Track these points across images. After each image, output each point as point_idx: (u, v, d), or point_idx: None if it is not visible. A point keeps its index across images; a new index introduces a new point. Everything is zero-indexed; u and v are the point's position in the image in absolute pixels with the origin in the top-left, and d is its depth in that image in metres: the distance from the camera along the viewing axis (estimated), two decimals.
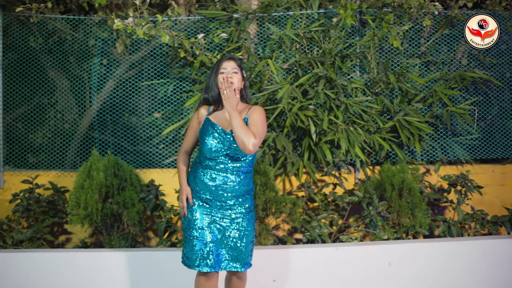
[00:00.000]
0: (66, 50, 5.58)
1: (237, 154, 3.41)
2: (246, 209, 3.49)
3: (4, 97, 5.49)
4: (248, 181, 3.52)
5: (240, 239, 3.44)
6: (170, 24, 4.72)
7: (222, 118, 3.47)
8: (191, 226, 3.44)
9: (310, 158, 5.19)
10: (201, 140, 3.47)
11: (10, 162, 5.57)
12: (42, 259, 4.48)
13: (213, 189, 3.44)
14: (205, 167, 3.45)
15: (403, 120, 5.20)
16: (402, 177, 5.03)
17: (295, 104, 5.03)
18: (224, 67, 3.44)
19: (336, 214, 5.18)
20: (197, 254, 3.39)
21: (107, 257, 4.48)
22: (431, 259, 4.64)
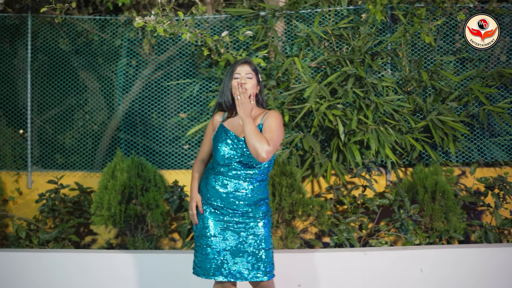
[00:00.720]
0: (93, 51, 5.56)
1: (251, 161, 3.25)
2: (261, 214, 3.30)
3: (33, 98, 5.50)
4: (262, 189, 3.32)
5: (258, 245, 3.25)
6: (194, 22, 4.62)
7: (236, 125, 3.32)
8: (203, 233, 3.27)
9: (339, 159, 4.99)
10: (214, 146, 3.32)
11: (38, 162, 5.58)
12: (62, 260, 4.43)
13: (224, 196, 3.27)
14: (217, 173, 3.30)
15: (436, 119, 4.95)
16: (435, 179, 4.78)
17: (323, 103, 4.85)
18: (238, 72, 3.29)
19: (366, 217, 4.96)
20: (211, 262, 3.23)
21: (128, 259, 4.40)
22: (466, 265, 4.38)
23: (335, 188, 5.00)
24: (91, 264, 4.40)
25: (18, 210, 5.34)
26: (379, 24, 5.19)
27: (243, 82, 3.22)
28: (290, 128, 5.10)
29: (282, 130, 3.21)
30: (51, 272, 4.41)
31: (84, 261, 4.43)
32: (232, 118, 3.34)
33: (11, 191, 5.38)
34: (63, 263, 4.43)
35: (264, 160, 3.04)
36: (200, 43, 4.50)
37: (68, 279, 4.39)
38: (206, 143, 3.44)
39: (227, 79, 3.31)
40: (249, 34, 4.80)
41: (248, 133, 3.06)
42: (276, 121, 3.19)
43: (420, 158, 5.28)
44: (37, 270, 4.40)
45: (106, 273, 4.37)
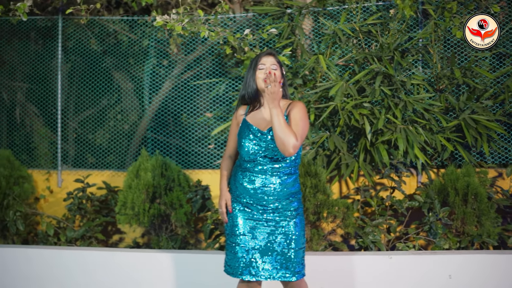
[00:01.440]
0: (123, 52, 5.59)
1: (276, 155, 3.18)
2: (292, 212, 3.21)
3: (67, 99, 5.58)
4: (292, 183, 3.24)
5: (287, 245, 3.17)
6: (219, 21, 4.56)
7: (259, 118, 3.27)
8: (232, 232, 3.23)
9: (366, 160, 4.82)
10: (239, 142, 3.28)
11: (69, 162, 5.65)
12: (83, 257, 4.46)
13: (252, 193, 3.21)
14: (244, 169, 3.25)
15: (469, 118, 4.70)
16: (467, 181, 4.54)
17: (349, 102, 4.69)
18: (263, 63, 3.23)
19: (394, 220, 4.77)
20: (239, 261, 3.17)
21: (146, 258, 4.38)
22: (499, 272, 4.14)
23: (362, 190, 4.84)
24: (111, 262, 4.41)
25: (49, 208, 5.43)
26: (410, 20, 4.99)
27: (274, 69, 3.18)
28: (316, 127, 4.97)
29: (308, 121, 3.16)
30: (72, 269, 4.44)
31: (105, 259, 4.44)
32: (255, 112, 3.29)
33: (42, 189, 5.47)
34: (84, 260, 4.46)
35: (291, 155, 3.01)
36: (223, 42, 4.43)
37: (88, 276, 4.41)
38: (232, 139, 3.40)
39: (251, 70, 3.25)
40: (273, 32, 4.70)
41: (276, 126, 3.01)
42: (301, 112, 3.13)
43: (454, 159, 5.05)
44: (58, 267, 4.45)
45: (124, 272, 4.37)
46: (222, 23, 5.05)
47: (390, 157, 4.78)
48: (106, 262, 4.44)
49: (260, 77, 3.20)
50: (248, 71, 3.28)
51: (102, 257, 4.45)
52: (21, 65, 5.72)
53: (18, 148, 5.78)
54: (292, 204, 3.21)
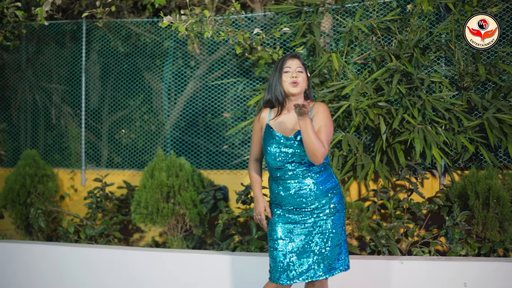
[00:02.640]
0: (146, 53, 5.63)
1: (304, 159, 3.12)
2: (331, 209, 3.16)
3: (88, 100, 5.68)
4: (326, 178, 3.18)
5: (324, 244, 3.13)
6: (229, 21, 4.50)
7: (284, 123, 3.20)
8: (271, 237, 3.21)
9: (383, 161, 4.63)
10: (264, 148, 3.22)
11: (92, 161, 5.75)
12: (97, 254, 4.51)
13: (290, 199, 3.16)
14: (275, 178, 3.20)
15: (493, 118, 4.42)
16: (489, 184, 4.27)
17: (364, 101, 4.51)
18: (288, 66, 3.17)
19: (412, 223, 4.56)
20: (278, 266, 3.15)
21: (152, 257, 4.37)
22: None
23: (379, 191, 4.64)
24: (121, 261, 4.44)
25: (74, 206, 5.54)
26: (431, 15, 4.75)
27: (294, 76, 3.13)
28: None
29: (332, 124, 3.14)
30: (85, 266, 4.50)
31: (116, 257, 4.48)
32: (279, 116, 3.22)
33: (67, 188, 5.60)
34: (97, 257, 4.51)
35: (320, 163, 2.98)
36: (233, 42, 4.36)
37: (92, 274, 4.46)
38: (256, 143, 3.32)
39: (277, 74, 3.19)
40: (286, 31, 4.59)
41: (306, 139, 2.92)
42: (326, 115, 3.09)
43: (479, 161, 4.76)
44: (73, 263, 4.52)
45: (133, 270, 4.39)
46: (235, 23, 4.98)
47: (408, 158, 4.56)
48: (117, 260, 4.47)
49: (286, 80, 3.15)
50: (273, 74, 3.21)
51: (113, 255, 4.49)
52: (49, 67, 5.88)
53: (48, 148, 5.94)
54: (331, 201, 3.16)
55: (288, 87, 3.15)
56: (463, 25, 4.59)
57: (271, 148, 3.14)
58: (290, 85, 3.14)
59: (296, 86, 3.15)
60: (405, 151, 4.62)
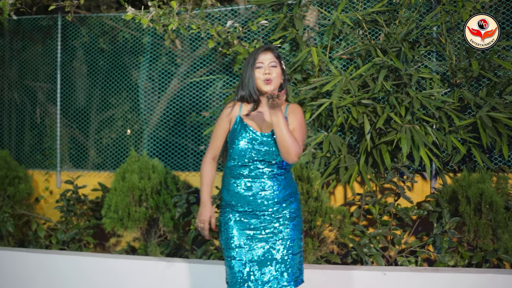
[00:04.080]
0: (125, 50, 5.29)
1: (275, 159, 2.85)
2: (291, 214, 2.89)
3: (63, 98, 5.37)
4: (289, 182, 2.94)
5: (286, 251, 2.85)
6: (203, 14, 4.15)
7: (258, 119, 2.90)
8: (228, 245, 2.88)
9: (368, 163, 4.24)
10: (232, 143, 2.89)
11: (69, 162, 5.43)
12: (60, 261, 4.18)
13: (251, 199, 2.86)
14: (237, 176, 2.88)
15: (486, 116, 4.02)
16: (481, 188, 3.87)
17: (347, 98, 4.14)
18: (261, 61, 2.86)
19: (400, 230, 4.17)
20: (236, 277, 2.83)
21: (114, 265, 4.04)
22: None
23: (364, 195, 4.26)
24: (84, 268, 4.11)
25: (48, 209, 5.23)
26: (422, 7, 4.37)
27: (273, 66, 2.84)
28: (314, 127, 4.45)
29: (306, 126, 3.02)
30: (50, 273, 4.19)
31: (80, 264, 4.15)
32: (254, 113, 2.91)
33: (42, 190, 5.29)
34: (64, 264, 4.19)
35: (294, 162, 2.79)
36: (205, 35, 4.02)
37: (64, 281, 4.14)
38: (219, 138, 2.95)
39: (249, 69, 2.88)
40: (264, 24, 4.22)
41: (280, 135, 2.71)
42: (301, 117, 2.88)
43: (473, 163, 4.36)
44: (38, 269, 4.21)
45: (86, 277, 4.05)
46: (214, 17, 4.63)
47: (394, 160, 4.18)
48: (80, 267, 4.15)
49: (259, 77, 2.85)
50: (245, 69, 2.90)
51: (77, 261, 4.17)
52: (25, 64, 5.57)
53: (24, 148, 5.63)
54: (291, 205, 2.91)
55: (261, 85, 2.85)
56: (454, 17, 4.20)
57: (241, 144, 2.84)
58: (263, 83, 2.84)
59: (269, 83, 2.84)
60: (392, 152, 4.24)
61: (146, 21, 3.69)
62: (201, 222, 2.90)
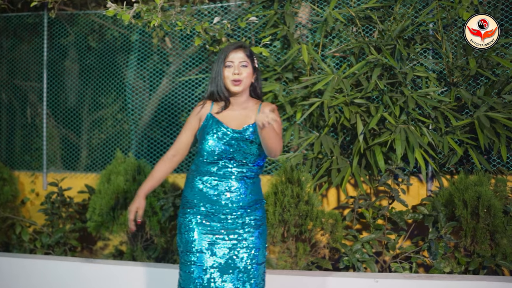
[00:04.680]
0: (114, 48, 5.11)
1: (246, 158, 2.72)
2: (256, 222, 2.76)
3: (51, 98, 5.19)
4: (256, 188, 2.81)
5: (250, 260, 2.70)
6: (190, 10, 3.97)
7: (230, 116, 2.77)
8: (188, 249, 2.71)
9: (361, 164, 4.06)
10: (202, 140, 2.75)
11: (59, 163, 5.25)
12: (43, 266, 4.01)
13: (215, 199, 2.72)
14: (204, 173, 2.74)
15: (483, 116, 3.83)
16: (478, 191, 3.68)
17: (339, 98, 3.95)
18: (231, 60, 2.73)
19: (395, 234, 3.98)
20: (196, 283, 2.67)
21: (94, 269, 3.86)
22: None
23: (357, 198, 4.07)
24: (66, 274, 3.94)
25: (35, 212, 5.05)
26: (418, 3, 4.18)
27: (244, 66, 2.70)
28: (306, 128, 4.26)
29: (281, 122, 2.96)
30: (29, 278, 4.01)
31: (61, 270, 3.98)
32: (225, 111, 2.77)
33: (28, 192, 5.11)
34: (44, 270, 4.01)
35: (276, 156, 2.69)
36: (190, 32, 3.84)
37: None
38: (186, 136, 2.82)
39: (219, 66, 2.73)
40: (253, 21, 4.04)
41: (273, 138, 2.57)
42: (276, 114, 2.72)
43: (470, 164, 4.17)
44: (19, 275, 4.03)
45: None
46: (204, 14, 4.45)
47: (388, 162, 3.99)
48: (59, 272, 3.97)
49: (228, 76, 2.72)
50: (216, 64, 2.76)
51: (61, 267, 3.99)
52: (11, 62, 5.39)
53: (11, 149, 5.45)
54: (257, 212, 2.76)
55: (229, 85, 2.72)
56: (451, 13, 4.01)
57: (212, 140, 2.70)
58: (231, 83, 2.71)
59: (238, 84, 2.71)
60: (386, 154, 4.05)
61: (128, 17, 3.51)
62: (129, 211, 2.76)
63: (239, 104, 2.77)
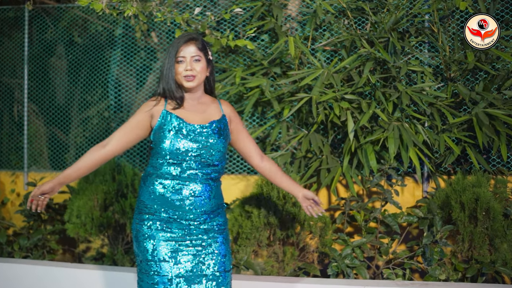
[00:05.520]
0: (98, 43, 4.84)
1: (212, 155, 2.47)
2: (220, 227, 2.53)
3: (32, 95, 4.93)
4: (219, 191, 2.59)
5: (218, 267, 2.47)
6: (171, 1, 3.71)
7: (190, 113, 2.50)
8: (148, 258, 2.42)
9: (353, 164, 3.78)
10: (162, 138, 2.44)
11: (37, 162, 5.00)
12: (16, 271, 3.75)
13: (178, 205, 2.44)
14: (165, 176, 2.45)
15: (482, 113, 3.55)
16: (476, 192, 3.40)
17: (328, 93, 3.68)
18: (182, 55, 2.44)
19: (388, 238, 3.71)
20: None
21: (79, 275, 3.60)
22: None
23: (348, 200, 3.80)
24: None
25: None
26: None
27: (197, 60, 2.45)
28: (295, 126, 3.99)
29: None
30: None
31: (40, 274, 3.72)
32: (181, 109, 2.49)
33: (9, 192, 4.86)
34: (20, 274, 3.75)
35: None
36: (170, 23, 3.58)
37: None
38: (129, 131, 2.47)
39: (170, 62, 2.45)
40: (238, 12, 3.77)
41: None
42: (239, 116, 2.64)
43: (469, 164, 3.89)
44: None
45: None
46: (185, 5, 4.19)
47: (381, 161, 3.71)
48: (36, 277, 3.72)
49: (180, 72, 2.44)
50: (166, 60, 2.47)
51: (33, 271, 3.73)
52: None
53: None
54: (219, 217, 2.54)
55: (182, 81, 2.45)
56: (448, 4, 3.73)
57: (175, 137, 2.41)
58: (184, 79, 2.44)
59: (192, 80, 2.45)
60: (379, 153, 3.78)
61: (100, 6, 3.25)
62: (37, 189, 2.41)
63: (196, 99, 2.51)
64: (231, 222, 3.68)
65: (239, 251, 3.65)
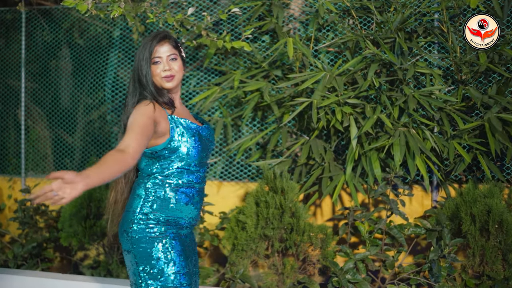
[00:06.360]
0: (96, 45, 4.66)
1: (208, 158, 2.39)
2: None
3: (30, 99, 4.76)
4: None
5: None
6: (166, 1, 3.51)
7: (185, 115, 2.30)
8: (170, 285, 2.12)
9: (357, 172, 3.53)
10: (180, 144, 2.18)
11: (36, 167, 4.83)
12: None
13: (197, 213, 2.30)
14: (187, 185, 2.23)
15: (495, 118, 3.27)
16: (488, 203, 3.13)
17: (330, 97, 3.44)
18: (158, 55, 2.22)
19: (394, 251, 3.45)
20: None
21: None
22: None
23: (352, 210, 3.55)
24: None
25: None
26: None
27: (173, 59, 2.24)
28: (296, 132, 3.76)
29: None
30: None
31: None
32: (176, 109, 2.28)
33: (6, 198, 4.70)
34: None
35: None
36: (163, 25, 3.37)
37: None
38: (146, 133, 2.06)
39: (145, 65, 2.22)
40: (236, 12, 3.55)
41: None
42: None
43: (481, 172, 3.61)
44: None
45: None
46: (182, 6, 3.99)
47: (386, 170, 3.46)
48: None
49: (158, 74, 2.22)
50: (139, 63, 2.22)
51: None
52: None
53: None
54: None
55: (161, 82, 2.23)
56: (458, 2, 3.46)
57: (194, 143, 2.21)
58: (164, 80, 2.22)
59: (171, 80, 2.23)
60: (385, 160, 3.52)
61: (85, 7, 3.05)
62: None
63: (177, 100, 2.31)
64: (227, 233, 3.47)
65: (236, 263, 3.43)
